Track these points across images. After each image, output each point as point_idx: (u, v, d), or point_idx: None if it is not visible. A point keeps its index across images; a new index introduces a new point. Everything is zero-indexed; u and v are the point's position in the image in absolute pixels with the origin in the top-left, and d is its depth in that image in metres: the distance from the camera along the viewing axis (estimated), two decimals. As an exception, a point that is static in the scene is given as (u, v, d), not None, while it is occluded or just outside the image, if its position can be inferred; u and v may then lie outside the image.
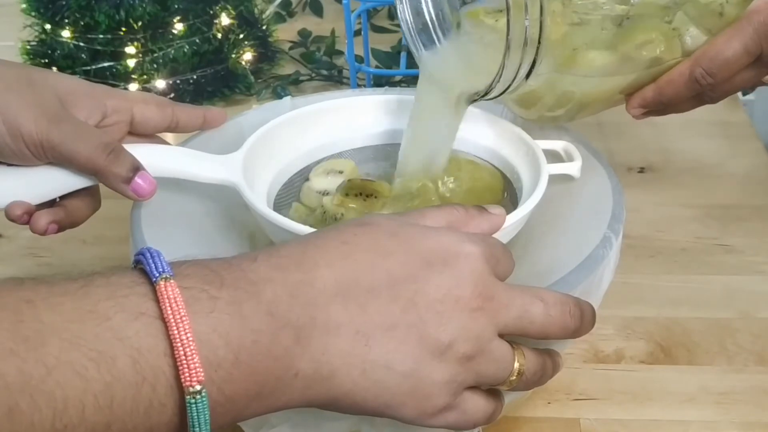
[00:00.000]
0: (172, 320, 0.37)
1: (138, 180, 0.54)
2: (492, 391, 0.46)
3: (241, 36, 1.01)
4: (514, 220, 0.52)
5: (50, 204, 0.56)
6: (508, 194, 0.60)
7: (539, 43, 0.51)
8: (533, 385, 0.47)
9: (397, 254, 0.42)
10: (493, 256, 0.44)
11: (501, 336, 0.44)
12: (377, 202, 0.59)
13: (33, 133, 0.52)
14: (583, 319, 0.46)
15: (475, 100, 0.56)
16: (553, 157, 0.60)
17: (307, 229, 0.51)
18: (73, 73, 0.96)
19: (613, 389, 0.62)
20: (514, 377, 0.44)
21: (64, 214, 0.56)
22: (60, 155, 0.53)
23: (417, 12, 0.59)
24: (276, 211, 0.54)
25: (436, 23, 0.59)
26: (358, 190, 0.59)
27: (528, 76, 0.53)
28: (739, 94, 0.99)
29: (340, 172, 0.62)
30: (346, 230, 0.43)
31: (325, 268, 0.41)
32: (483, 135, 0.62)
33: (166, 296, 0.37)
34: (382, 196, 0.59)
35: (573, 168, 0.59)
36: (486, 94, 0.54)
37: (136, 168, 0.54)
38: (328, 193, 0.61)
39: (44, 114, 0.53)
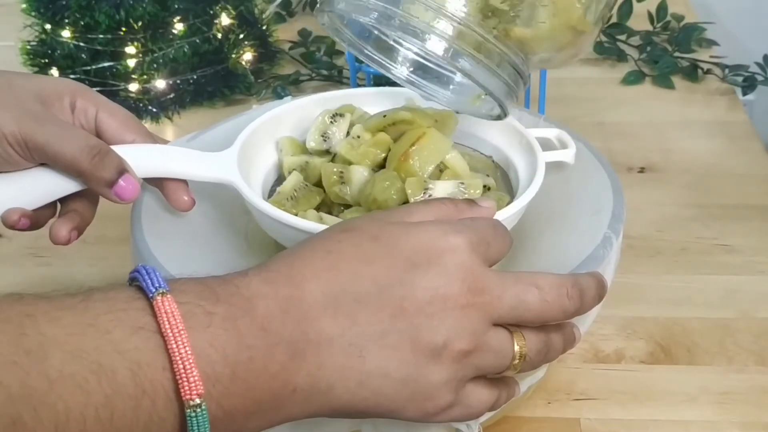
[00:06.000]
0: (171, 334, 0.37)
1: (121, 182, 0.52)
2: (496, 377, 0.45)
3: (241, 36, 1.01)
4: (515, 209, 0.52)
5: (53, 207, 0.56)
6: (503, 185, 0.60)
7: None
8: (541, 363, 0.46)
9: (381, 259, 0.42)
10: (481, 242, 0.44)
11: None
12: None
13: (16, 132, 0.51)
14: (584, 298, 0.45)
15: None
16: (547, 146, 0.59)
17: (305, 223, 0.51)
18: (73, 73, 0.96)
19: (613, 389, 0.62)
20: (517, 361, 0.44)
21: (79, 219, 0.56)
22: (46, 156, 0.52)
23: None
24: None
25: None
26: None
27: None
28: (739, 94, 1.00)
29: (341, 116, 0.61)
30: (330, 237, 0.43)
31: (313, 281, 0.41)
32: (475, 126, 0.62)
33: (163, 310, 0.37)
34: None
35: (567, 155, 0.59)
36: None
37: (122, 170, 0.52)
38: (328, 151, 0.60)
39: (26, 114, 0.52)
